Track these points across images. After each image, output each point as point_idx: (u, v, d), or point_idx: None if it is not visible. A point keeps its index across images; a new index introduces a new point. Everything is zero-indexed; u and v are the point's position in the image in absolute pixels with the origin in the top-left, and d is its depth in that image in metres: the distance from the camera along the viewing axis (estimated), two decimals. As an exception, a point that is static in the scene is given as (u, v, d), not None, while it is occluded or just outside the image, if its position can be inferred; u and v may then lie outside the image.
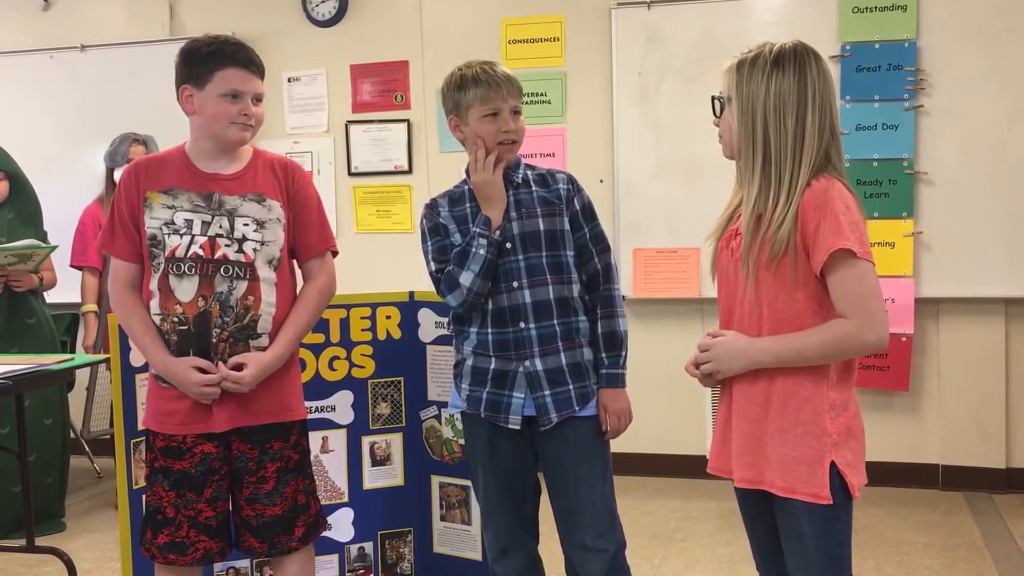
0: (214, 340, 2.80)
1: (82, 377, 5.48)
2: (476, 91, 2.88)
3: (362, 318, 3.65)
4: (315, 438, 3.57)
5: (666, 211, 5.53)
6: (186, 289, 2.80)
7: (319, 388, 3.59)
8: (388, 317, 3.67)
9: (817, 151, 2.35)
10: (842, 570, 2.40)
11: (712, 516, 5.00)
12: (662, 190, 5.54)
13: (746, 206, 2.40)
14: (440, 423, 3.65)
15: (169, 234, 2.81)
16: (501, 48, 5.78)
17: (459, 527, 3.62)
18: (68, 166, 6.25)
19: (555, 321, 2.89)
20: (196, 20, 6.31)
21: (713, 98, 2.50)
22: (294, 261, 3.00)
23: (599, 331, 2.97)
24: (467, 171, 2.95)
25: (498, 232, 2.85)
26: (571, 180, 3.01)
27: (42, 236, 5.09)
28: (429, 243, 2.98)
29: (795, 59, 2.39)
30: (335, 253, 3.08)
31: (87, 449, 6.08)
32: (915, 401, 5.33)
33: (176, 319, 2.81)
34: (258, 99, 2.88)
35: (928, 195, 5.17)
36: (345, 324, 3.63)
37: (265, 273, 2.86)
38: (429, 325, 3.65)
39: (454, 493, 3.62)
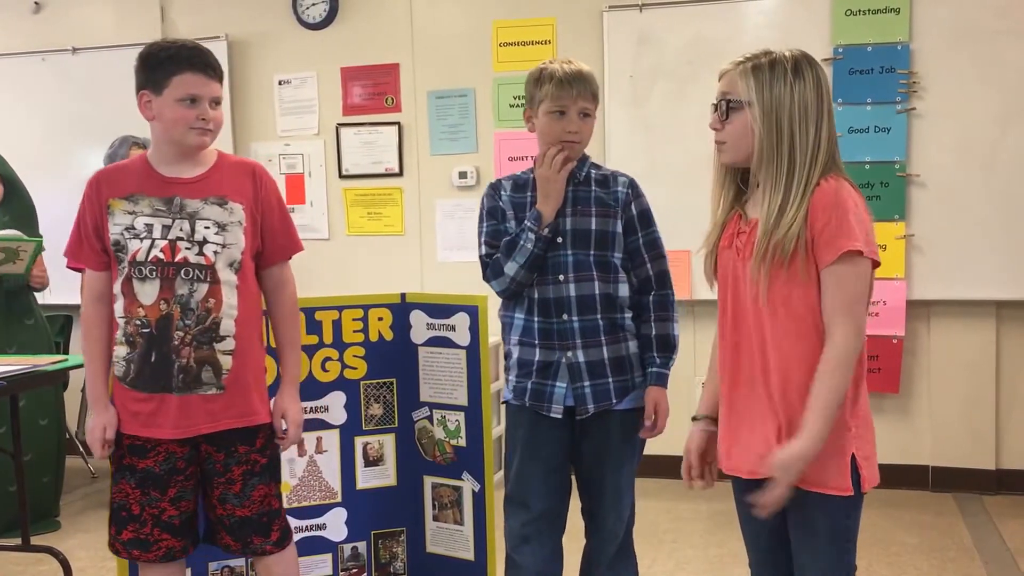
0: (176, 343, 2.84)
1: (77, 378, 5.51)
2: (549, 88, 2.95)
3: (354, 320, 3.68)
4: (309, 438, 3.63)
5: (657, 213, 5.50)
6: (148, 292, 2.84)
7: (312, 389, 3.62)
8: (380, 319, 3.71)
9: (827, 153, 2.41)
10: (850, 563, 2.46)
11: (703, 517, 5.04)
12: (653, 192, 5.49)
13: (764, 208, 2.39)
14: (432, 424, 3.69)
15: (130, 239, 2.85)
16: (492, 51, 5.81)
17: (451, 527, 3.66)
18: (60, 168, 6.28)
19: (598, 316, 2.98)
20: (187, 22, 6.33)
21: (725, 101, 2.48)
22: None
23: (653, 333, 3.05)
24: (535, 161, 3.02)
25: (547, 229, 2.93)
26: (632, 185, 3.09)
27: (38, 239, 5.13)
28: (484, 224, 3.07)
29: (811, 66, 2.44)
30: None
31: (82, 449, 6.11)
32: (906, 403, 5.38)
33: (139, 322, 2.85)
34: (216, 102, 2.90)
35: (920, 198, 5.22)
36: (337, 326, 3.66)
37: (226, 276, 2.89)
38: (421, 327, 3.69)
39: (446, 493, 3.67)
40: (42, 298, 5.29)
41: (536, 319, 3.00)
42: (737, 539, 4.53)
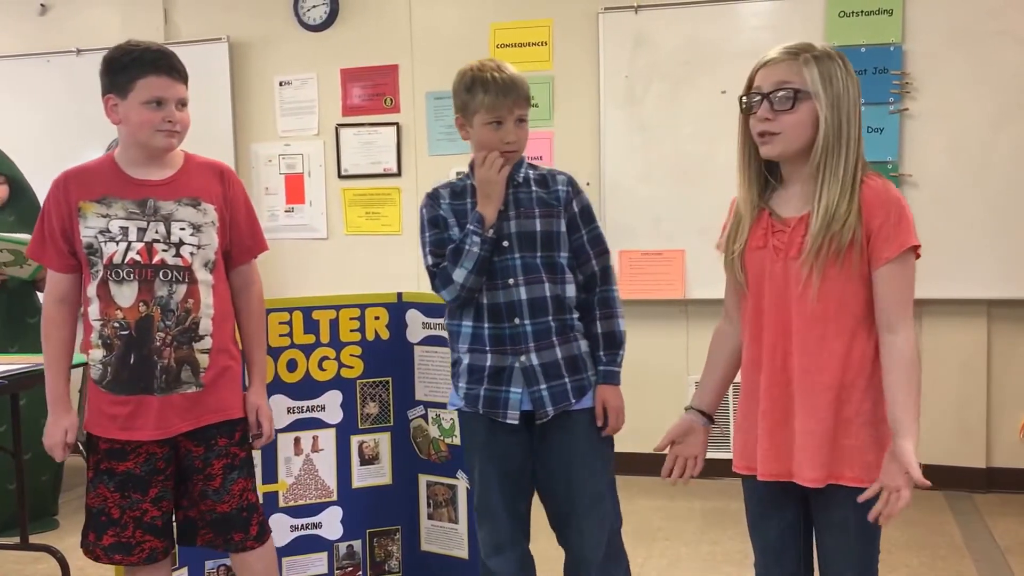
0: (157, 344, 2.84)
1: (76, 377, 5.49)
2: (483, 98, 2.88)
3: (351, 319, 3.68)
4: (305, 437, 3.63)
5: (652, 214, 5.56)
6: (126, 295, 2.83)
7: (309, 388, 3.63)
8: (377, 318, 3.70)
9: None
10: (876, 553, 2.47)
11: (696, 515, 5.04)
12: (648, 193, 5.57)
13: (820, 202, 2.35)
14: (427, 423, 3.68)
15: (105, 242, 2.84)
16: (490, 52, 5.78)
17: (446, 525, 3.66)
18: (64, 169, 6.23)
19: (550, 318, 2.92)
20: (190, 24, 6.35)
21: (792, 90, 2.37)
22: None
23: (599, 331, 3.00)
24: (471, 166, 2.98)
25: (491, 231, 2.87)
26: (571, 182, 3.03)
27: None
28: (427, 234, 3.00)
29: (847, 62, 2.42)
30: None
31: (80, 448, 6.08)
32: (898, 401, 5.34)
33: (117, 324, 2.84)
34: (182, 104, 2.89)
35: (913, 198, 5.19)
36: (334, 325, 3.66)
37: (202, 276, 2.90)
38: (417, 326, 3.69)
39: (441, 492, 3.66)
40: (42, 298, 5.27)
41: (487, 325, 2.93)
42: (730, 538, 4.60)
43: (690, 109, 5.50)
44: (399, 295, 3.72)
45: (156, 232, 2.85)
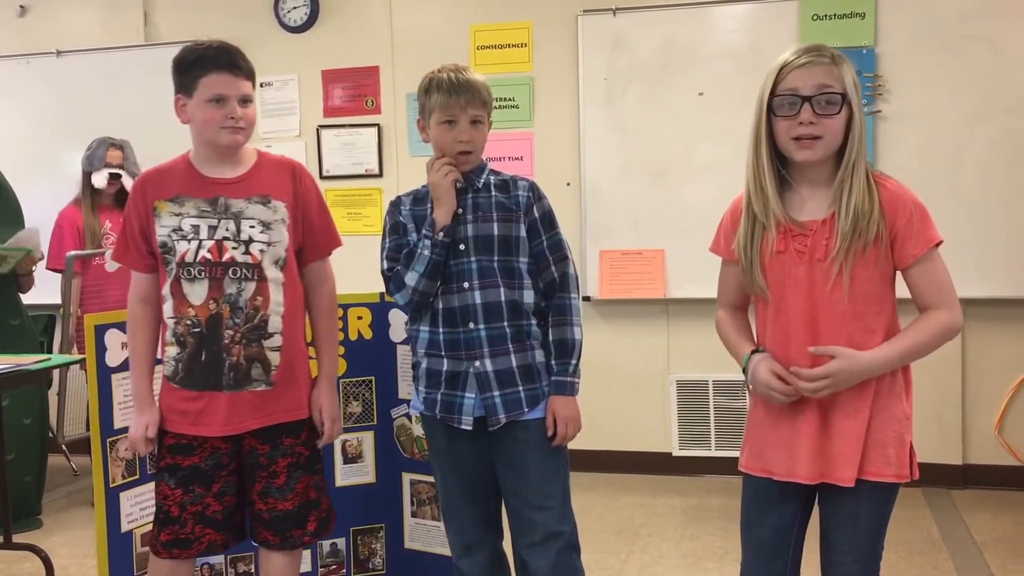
0: (226, 341, 2.82)
1: (59, 378, 5.45)
2: (437, 97, 2.87)
3: (334, 319, 3.65)
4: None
5: (632, 214, 5.55)
6: (197, 293, 2.83)
7: (292, 387, 3.58)
8: (359, 318, 3.67)
9: None
10: (881, 546, 2.49)
11: (677, 512, 5.02)
12: (628, 193, 5.56)
13: (849, 203, 2.35)
14: (411, 421, 3.65)
15: (178, 240, 2.83)
16: (470, 54, 5.78)
17: (429, 523, 3.62)
18: (45, 170, 6.20)
19: (505, 323, 2.87)
20: (170, 26, 6.29)
21: (839, 94, 2.37)
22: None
23: (551, 338, 2.94)
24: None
25: (442, 234, 2.83)
26: (532, 188, 2.97)
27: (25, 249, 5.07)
28: (387, 241, 2.98)
29: None
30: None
31: (64, 448, 6.04)
32: (874, 398, 5.35)
33: (189, 322, 2.83)
34: (245, 101, 2.87)
35: (886, 198, 5.21)
36: (318, 325, 3.62)
37: (272, 273, 2.87)
38: (399, 325, 3.65)
39: (424, 490, 3.62)
40: (27, 298, 5.22)
41: (441, 330, 2.89)
42: (710, 533, 4.59)
43: (668, 111, 5.49)
44: (381, 295, 3.68)
45: (226, 230, 2.84)
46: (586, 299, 5.56)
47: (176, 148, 3.02)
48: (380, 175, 6.03)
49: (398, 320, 3.65)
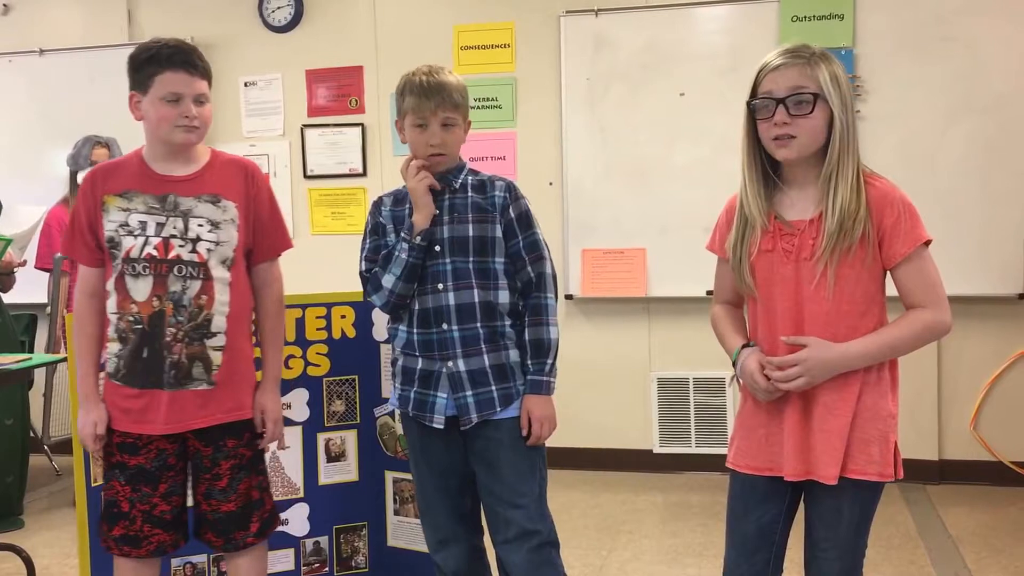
0: (168, 339, 2.77)
1: (42, 377, 5.38)
2: (410, 100, 2.85)
3: (317, 317, 3.59)
4: (271, 435, 3.53)
5: (613, 213, 5.52)
6: (141, 289, 2.77)
7: (275, 386, 3.53)
8: (343, 316, 3.62)
9: None
10: (864, 544, 2.46)
11: (659, 509, 4.99)
12: (609, 192, 5.53)
13: (835, 202, 2.33)
14: (394, 420, 3.60)
15: (124, 235, 2.78)
16: (453, 54, 5.75)
17: (412, 521, 3.57)
18: (29, 169, 6.16)
19: (478, 324, 2.85)
20: (154, 25, 6.21)
21: (812, 94, 2.34)
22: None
23: (527, 338, 2.90)
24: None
25: (419, 237, 2.81)
26: (509, 188, 2.93)
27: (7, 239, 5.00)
28: (367, 242, 2.96)
29: (839, 62, 2.41)
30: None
31: (46, 448, 5.97)
32: (852, 395, 5.33)
33: (132, 318, 2.78)
34: (201, 100, 2.83)
35: (864, 197, 5.19)
36: (301, 324, 3.57)
37: (219, 273, 2.82)
38: (382, 324, 3.60)
39: (407, 488, 3.57)
40: (8, 297, 5.15)
41: (416, 331, 2.87)
42: (691, 530, 4.56)
43: (649, 111, 5.46)
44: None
45: (174, 227, 2.79)
46: (568, 297, 5.54)
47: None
48: (364, 174, 5.99)
49: (381, 319, 3.59)
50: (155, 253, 2.77)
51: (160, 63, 2.77)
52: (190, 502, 2.95)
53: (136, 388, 2.80)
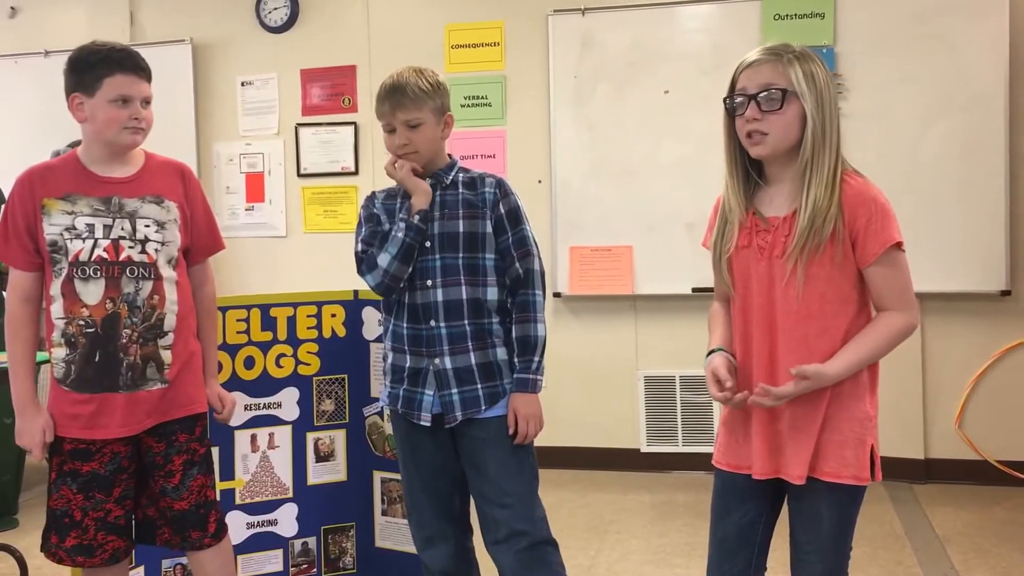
0: (124, 341, 2.73)
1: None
2: (376, 107, 2.87)
3: (308, 316, 3.54)
4: (262, 434, 3.49)
5: (601, 211, 5.48)
6: (92, 292, 2.73)
7: (266, 385, 3.48)
8: (333, 315, 3.57)
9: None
10: (848, 547, 2.42)
11: (647, 508, 4.94)
12: (597, 190, 5.49)
13: (808, 200, 2.29)
14: (382, 419, 3.55)
15: (71, 239, 2.73)
16: (445, 53, 5.72)
17: (400, 521, 3.51)
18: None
19: (466, 321, 2.81)
20: (155, 27, 6.24)
21: (780, 91, 2.31)
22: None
23: (514, 335, 2.86)
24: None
25: (418, 217, 2.78)
26: (499, 185, 2.89)
27: None
28: (363, 228, 2.93)
29: (823, 61, 2.37)
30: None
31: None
32: (837, 393, 5.29)
33: (82, 322, 2.72)
34: (147, 102, 2.81)
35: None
36: (292, 322, 3.52)
37: (167, 272, 2.81)
38: (372, 323, 3.55)
39: (395, 488, 3.52)
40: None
41: (406, 325, 2.84)
42: (678, 530, 4.51)
43: (635, 109, 5.43)
44: (355, 292, 3.58)
45: (122, 229, 2.76)
46: (556, 295, 5.50)
47: (157, 145, 2.97)
48: (356, 173, 5.96)
49: (371, 318, 3.55)
50: (105, 255, 2.73)
51: (111, 66, 2.75)
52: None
53: (87, 393, 2.74)
